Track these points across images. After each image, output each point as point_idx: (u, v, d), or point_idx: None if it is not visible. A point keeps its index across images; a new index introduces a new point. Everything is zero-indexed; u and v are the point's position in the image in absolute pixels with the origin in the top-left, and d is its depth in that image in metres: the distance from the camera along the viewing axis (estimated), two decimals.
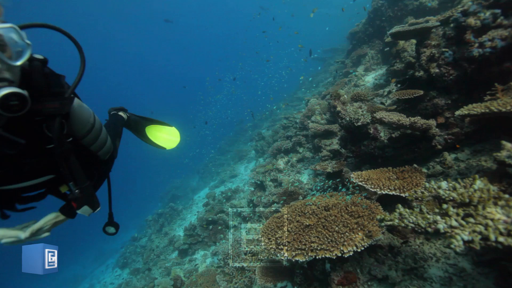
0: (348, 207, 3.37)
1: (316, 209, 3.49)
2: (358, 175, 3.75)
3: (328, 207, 3.46)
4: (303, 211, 3.57)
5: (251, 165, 14.56)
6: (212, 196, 11.69)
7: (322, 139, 7.62)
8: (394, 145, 4.80)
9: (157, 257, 10.73)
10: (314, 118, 8.47)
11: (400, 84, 5.81)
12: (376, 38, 11.05)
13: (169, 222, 13.77)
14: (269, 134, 14.20)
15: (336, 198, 3.79)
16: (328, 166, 5.52)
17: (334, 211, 3.36)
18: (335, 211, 3.36)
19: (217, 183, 15.21)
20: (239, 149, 17.42)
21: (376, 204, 3.46)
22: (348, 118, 5.16)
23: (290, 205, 4.00)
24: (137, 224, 21.24)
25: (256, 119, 14.58)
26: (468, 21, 3.95)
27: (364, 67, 10.82)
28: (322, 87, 15.53)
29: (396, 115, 4.18)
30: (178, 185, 20.87)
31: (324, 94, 10.59)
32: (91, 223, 21.84)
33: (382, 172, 3.87)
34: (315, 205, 3.62)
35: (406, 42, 7.84)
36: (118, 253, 18.46)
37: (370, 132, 5.14)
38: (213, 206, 10.51)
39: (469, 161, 4.45)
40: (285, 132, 11.55)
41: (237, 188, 11.48)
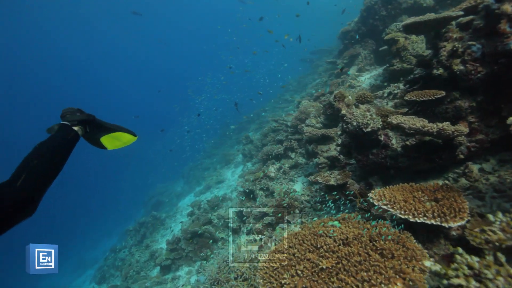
0: (373, 241, 2.56)
1: (332, 243, 2.65)
2: (380, 196, 2.95)
3: (347, 241, 2.63)
4: (315, 244, 2.72)
5: (238, 170, 13.65)
6: (197, 205, 10.68)
7: (319, 144, 6.84)
8: (409, 154, 4.06)
9: (137, 273, 9.60)
10: (309, 121, 7.69)
11: (409, 85, 5.10)
12: (368, 38, 10.45)
13: (151, 232, 12.62)
14: (258, 137, 13.35)
15: (353, 225, 2.97)
16: (330, 178, 4.73)
17: (356, 246, 2.53)
18: (358, 246, 2.53)
19: (203, 189, 14.18)
20: (226, 152, 16.46)
21: (407, 234, 2.67)
22: (355, 123, 4.38)
23: (296, 233, 3.15)
24: (120, 230, 19.79)
25: (240, 111, 13.26)
26: (503, 8, 3.25)
27: (357, 68, 10.18)
28: (310, 88, 14.85)
29: (418, 120, 3.42)
30: (163, 190, 19.62)
31: (316, 96, 9.86)
32: (72, 229, 19.91)
33: (406, 191, 3.09)
34: (329, 235, 2.79)
35: (407, 40, 7.22)
36: (98, 263, 17.04)
37: (380, 139, 4.38)
38: (198, 216, 9.52)
39: (499, 173, 3.78)
40: (275, 135, 10.74)
41: (224, 196, 10.54)
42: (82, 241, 24.71)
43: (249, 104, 24.15)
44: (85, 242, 24.28)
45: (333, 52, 19.02)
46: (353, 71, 10.19)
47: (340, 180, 4.62)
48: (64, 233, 28.64)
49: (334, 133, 6.73)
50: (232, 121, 22.02)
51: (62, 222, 32.49)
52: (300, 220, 5.56)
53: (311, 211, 5.82)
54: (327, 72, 13.51)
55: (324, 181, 4.71)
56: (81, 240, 25.22)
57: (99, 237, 23.97)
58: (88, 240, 24.25)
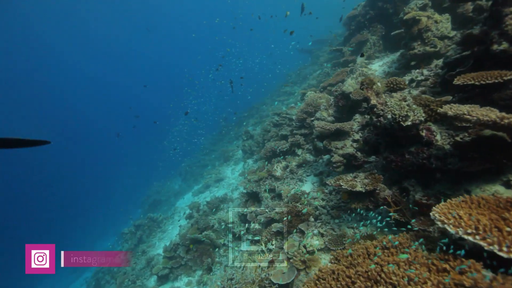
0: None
1: None
2: (456, 219, 2.03)
3: None
4: None
5: (238, 167, 12.71)
6: (196, 207, 9.75)
7: (332, 140, 5.91)
8: (464, 154, 3.14)
9: (132, 283, 8.70)
10: (319, 114, 6.74)
11: (448, 68, 4.15)
12: (377, 23, 9.44)
13: (147, 235, 11.70)
14: (258, 132, 12.38)
15: (421, 261, 2.05)
16: (356, 183, 3.80)
17: None
18: None
19: (202, 188, 13.25)
20: (224, 149, 15.48)
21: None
22: (390, 116, 3.44)
23: (333, 270, 2.22)
24: (117, 230, 18.82)
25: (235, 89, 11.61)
26: None
27: (366, 55, 9.20)
28: (313, 79, 13.86)
29: (491, 111, 2.49)
30: (159, 188, 18.64)
31: (323, 86, 8.88)
32: (69, 229, 18.66)
33: (490, 208, 2.17)
34: (392, 283, 1.86)
35: (430, 20, 6.24)
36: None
37: (421, 135, 3.45)
38: (197, 220, 8.60)
39: None
40: (278, 130, 9.78)
41: (224, 197, 9.61)
42: (79, 242, 23.70)
43: (245, 98, 23.12)
44: (83, 243, 23.28)
45: (334, 43, 18.00)
46: (361, 58, 9.20)
47: (369, 186, 3.70)
48: (61, 234, 27.63)
49: (349, 127, 5.79)
50: (230, 115, 20.97)
51: (59, 223, 31.47)
52: (317, 231, 4.66)
53: (328, 219, 4.92)
54: (331, 61, 12.52)
55: (349, 186, 3.79)
56: (79, 240, 24.23)
57: (95, 237, 23.05)
58: (85, 240, 23.29)
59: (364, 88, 3.72)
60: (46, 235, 28.88)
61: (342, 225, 4.62)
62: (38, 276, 20.41)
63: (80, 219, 29.50)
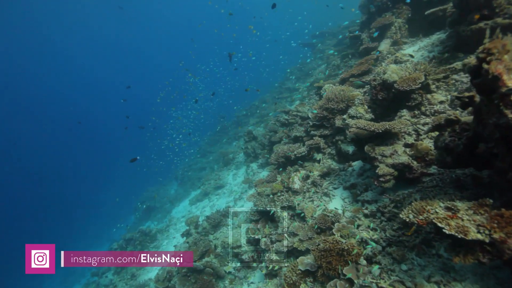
0: None
1: None
2: None
3: None
4: None
5: (240, 171, 10.99)
6: (194, 222, 8.02)
7: (377, 145, 4.25)
8: None
9: None
10: (354, 111, 5.08)
11: None
12: (402, 3, 7.81)
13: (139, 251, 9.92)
14: (262, 132, 10.68)
15: None
16: (469, 226, 2.15)
17: None
18: None
19: (200, 196, 11.50)
20: (223, 150, 13.73)
21: None
22: None
23: None
24: (111, 237, 16.90)
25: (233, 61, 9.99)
26: None
27: (390, 41, 7.57)
28: (319, 73, 12.19)
29: None
30: (154, 194, 16.81)
31: (343, 78, 7.20)
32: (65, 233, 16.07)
33: None
34: None
35: None
36: (85, 277, 14.24)
37: None
38: (196, 240, 6.89)
39: None
40: (289, 131, 8.11)
41: (226, 210, 7.90)
42: (80, 242, 21.63)
43: (243, 95, 21.32)
44: (83, 243, 21.24)
45: (335, 35, 16.34)
46: (385, 45, 7.57)
47: (496, 233, 2.05)
48: (61, 234, 25.61)
49: (400, 127, 4.14)
50: (229, 114, 19.23)
51: (59, 223, 29.62)
52: (375, 284, 3.02)
53: (390, 263, 3.27)
54: (340, 53, 10.86)
55: (456, 232, 2.14)
56: (79, 241, 22.19)
57: (88, 245, 21.02)
58: (85, 241, 21.28)
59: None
60: (46, 235, 27.32)
61: (415, 275, 2.97)
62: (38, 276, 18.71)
63: (76, 224, 27.52)
